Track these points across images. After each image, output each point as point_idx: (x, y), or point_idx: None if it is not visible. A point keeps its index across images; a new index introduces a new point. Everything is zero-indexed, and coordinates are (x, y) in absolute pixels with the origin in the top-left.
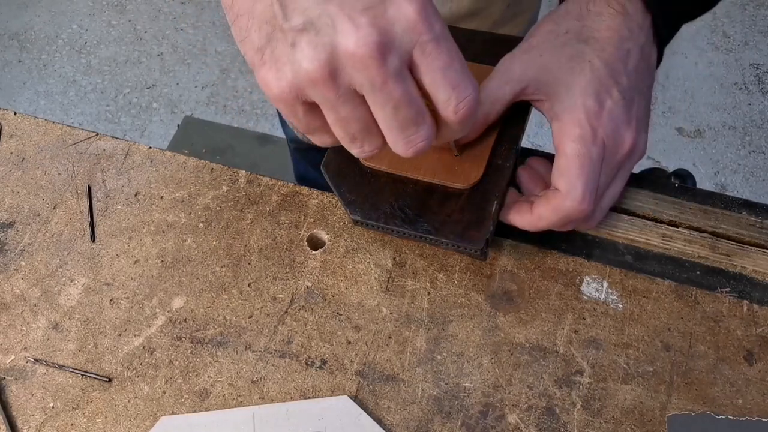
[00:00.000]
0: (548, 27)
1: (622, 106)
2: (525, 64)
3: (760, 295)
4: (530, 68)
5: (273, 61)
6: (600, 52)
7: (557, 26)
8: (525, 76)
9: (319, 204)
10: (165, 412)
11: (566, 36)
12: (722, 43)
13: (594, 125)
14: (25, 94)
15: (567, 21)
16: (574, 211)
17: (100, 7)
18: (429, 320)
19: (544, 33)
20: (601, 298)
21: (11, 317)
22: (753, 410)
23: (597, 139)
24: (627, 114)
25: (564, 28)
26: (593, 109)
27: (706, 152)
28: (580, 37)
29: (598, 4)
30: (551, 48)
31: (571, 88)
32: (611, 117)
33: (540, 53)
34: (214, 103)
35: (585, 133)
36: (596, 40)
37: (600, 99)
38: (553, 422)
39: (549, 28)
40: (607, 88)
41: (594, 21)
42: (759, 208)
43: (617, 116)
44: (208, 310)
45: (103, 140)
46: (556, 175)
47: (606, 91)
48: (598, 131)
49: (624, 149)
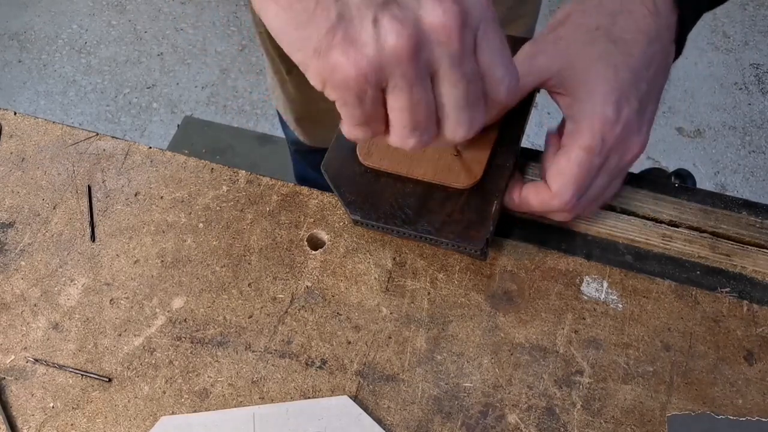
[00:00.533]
0: (579, 18)
1: (636, 113)
2: (551, 56)
3: (760, 295)
4: (556, 61)
5: (348, 41)
6: (627, 57)
7: (588, 19)
8: (550, 68)
9: (319, 204)
10: (165, 412)
11: (596, 32)
12: (722, 43)
13: (606, 136)
14: (25, 94)
15: (599, 15)
16: (557, 209)
17: (100, 7)
18: (429, 320)
19: (574, 25)
20: (601, 298)
21: (11, 317)
22: (753, 410)
23: (603, 150)
24: (640, 121)
25: (595, 23)
26: (611, 118)
27: (706, 152)
28: (610, 36)
29: (633, 1)
30: (580, 43)
31: (593, 93)
32: (625, 126)
33: (567, 46)
34: (214, 103)
35: (594, 144)
36: (625, 42)
37: (619, 107)
38: (553, 422)
39: (580, 20)
40: (627, 96)
41: (626, 20)
42: (759, 208)
43: (631, 124)
44: (208, 310)
45: (103, 140)
46: (552, 171)
47: (626, 98)
48: (607, 142)
49: (630, 156)
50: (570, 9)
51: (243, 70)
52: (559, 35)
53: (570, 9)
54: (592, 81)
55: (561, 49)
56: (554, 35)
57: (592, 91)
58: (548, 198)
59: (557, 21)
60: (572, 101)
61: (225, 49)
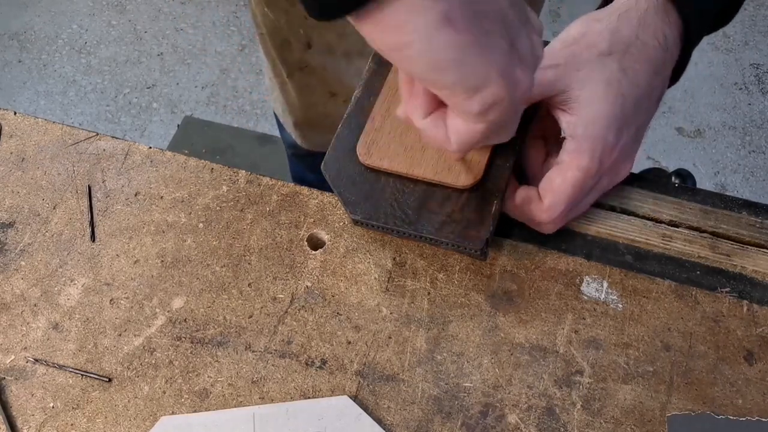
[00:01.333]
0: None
1: (632, 140)
2: (561, 73)
3: (760, 295)
4: (565, 79)
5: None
6: (634, 88)
7: (603, 43)
8: (558, 85)
9: (319, 204)
10: (165, 412)
11: (609, 58)
12: (722, 43)
13: (604, 160)
14: (25, 94)
15: (614, 42)
16: (543, 221)
17: (100, 7)
18: (429, 320)
19: (588, 45)
20: (601, 298)
21: (11, 317)
22: (753, 410)
23: (598, 172)
24: (633, 147)
25: (608, 48)
26: (610, 144)
27: (706, 152)
28: (622, 64)
29: (647, 33)
30: (592, 66)
31: (599, 118)
32: (621, 151)
33: (579, 67)
34: (214, 103)
35: (591, 167)
36: (635, 73)
37: (619, 134)
38: (553, 422)
39: (594, 41)
40: (628, 124)
41: (638, 50)
42: (759, 208)
43: (626, 151)
44: (208, 310)
45: (103, 140)
46: (545, 186)
47: (626, 126)
48: (603, 165)
49: (618, 179)
50: (585, 28)
51: (243, 70)
52: (573, 53)
53: (585, 28)
54: (599, 106)
55: (572, 68)
56: (567, 52)
57: (598, 116)
58: (538, 210)
59: (571, 38)
60: (577, 121)
61: (225, 49)
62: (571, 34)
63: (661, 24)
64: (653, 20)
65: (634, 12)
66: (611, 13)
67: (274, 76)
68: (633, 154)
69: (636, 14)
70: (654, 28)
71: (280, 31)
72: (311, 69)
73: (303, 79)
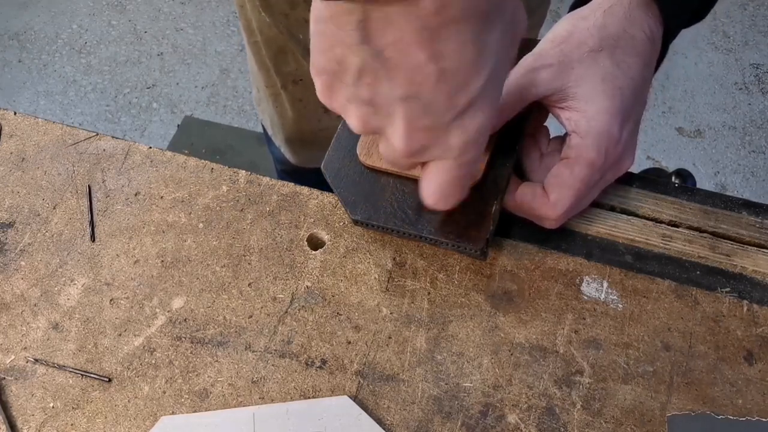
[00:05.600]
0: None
1: (633, 133)
2: (555, 72)
3: (760, 295)
4: (559, 78)
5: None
6: (630, 81)
7: (591, 40)
8: (552, 84)
9: (319, 204)
10: (165, 412)
11: (600, 54)
12: (722, 43)
13: (609, 154)
14: (25, 94)
15: (602, 37)
16: (548, 217)
17: (100, 7)
18: (429, 320)
19: (578, 43)
20: (601, 298)
21: (11, 317)
22: (753, 410)
23: (604, 166)
24: (633, 139)
25: (598, 44)
26: (615, 137)
27: (706, 152)
28: (613, 59)
29: (633, 27)
30: (585, 63)
31: (601, 112)
32: (624, 144)
33: (572, 65)
34: (214, 103)
35: (598, 161)
36: (628, 66)
37: (622, 127)
38: (553, 422)
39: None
40: (629, 117)
41: (627, 44)
42: (759, 208)
43: (628, 143)
44: (208, 310)
45: (103, 140)
46: (552, 181)
47: (629, 119)
48: (609, 159)
49: (620, 173)
50: (572, 27)
51: (243, 70)
52: (563, 52)
53: (572, 27)
54: (599, 100)
55: (566, 66)
56: (557, 51)
57: (600, 111)
58: (544, 206)
59: (560, 37)
60: (579, 117)
61: (225, 49)
62: (558, 32)
63: (645, 17)
64: (637, 14)
65: (618, 7)
66: (595, 10)
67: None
68: (634, 148)
69: (621, 9)
70: (640, 22)
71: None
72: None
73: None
